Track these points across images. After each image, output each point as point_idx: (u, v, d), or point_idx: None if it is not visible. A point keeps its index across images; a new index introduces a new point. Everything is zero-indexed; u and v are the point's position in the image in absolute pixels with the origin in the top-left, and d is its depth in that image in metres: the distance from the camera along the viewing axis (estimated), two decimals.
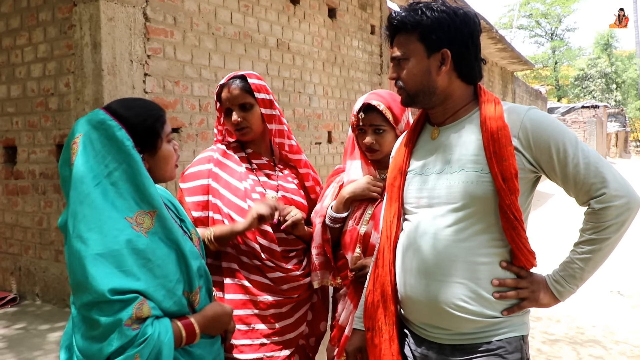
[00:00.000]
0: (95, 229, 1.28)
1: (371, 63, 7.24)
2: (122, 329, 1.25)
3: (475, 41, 1.53)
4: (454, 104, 1.56)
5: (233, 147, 2.05)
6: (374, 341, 1.60)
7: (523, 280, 1.48)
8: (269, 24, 5.28)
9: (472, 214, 1.45)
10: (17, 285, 4.43)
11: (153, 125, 1.44)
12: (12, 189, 4.41)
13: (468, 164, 1.47)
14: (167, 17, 4.13)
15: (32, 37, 4.14)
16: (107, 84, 3.65)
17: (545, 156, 1.44)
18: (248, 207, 1.88)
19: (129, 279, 1.29)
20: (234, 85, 1.97)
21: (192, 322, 1.43)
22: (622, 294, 5.36)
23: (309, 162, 2.20)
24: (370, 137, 1.95)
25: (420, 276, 1.51)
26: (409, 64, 1.52)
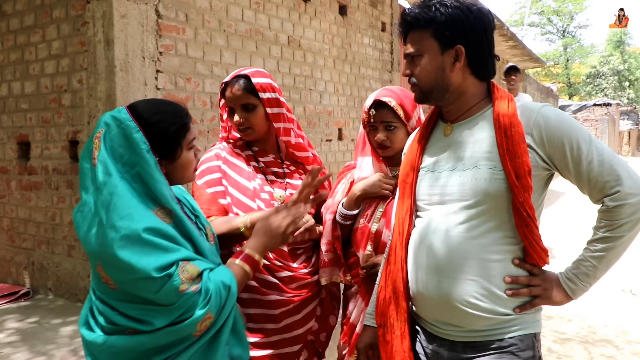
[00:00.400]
0: (127, 216, 1.30)
1: (382, 60, 7.22)
2: (181, 295, 1.28)
3: (489, 37, 1.53)
4: (467, 100, 1.55)
5: (239, 145, 2.04)
6: (386, 338, 1.60)
7: (536, 277, 1.47)
8: (280, 21, 5.28)
9: (485, 211, 1.45)
10: (30, 279, 4.47)
11: (174, 134, 1.44)
12: (25, 185, 4.45)
13: (481, 160, 1.47)
14: (179, 14, 4.15)
15: (45, 34, 4.17)
16: (119, 80, 3.67)
17: (558, 153, 1.43)
18: (257, 207, 1.88)
19: (169, 253, 1.30)
20: (237, 85, 1.95)
21: (249, 253, 1.47)
22: (635, 294, 5.32)
23: (319, 157, 2.19)
24: (382, 134, 1.95)
25: (433, 273, 1.51)
26: (422, 60, 1.52)
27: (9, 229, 4.64)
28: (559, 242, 4.50)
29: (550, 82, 36.27)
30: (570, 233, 7.10)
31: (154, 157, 1.39)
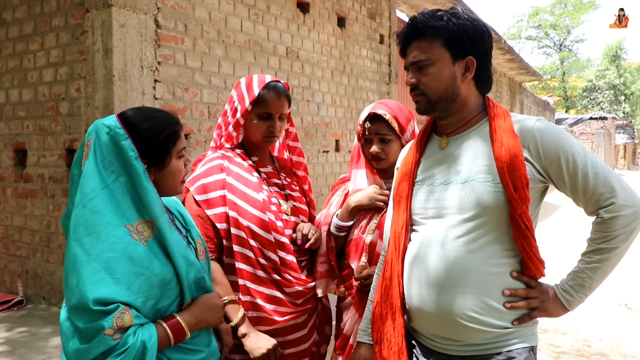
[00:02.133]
0: (94, 234, 1.30)
1: (380, 72, 7.26)
2: (103, 338, 1.26)
3: (491, 52, 1.57)
4: (468, 113, 1.57)
5: (240, 154, 1.97)
6: (382, 354, 1.58)
7: (533, 290, 1.48)
8: (279, 32, 5.31)
9: (484, 224, 1.45)
10: (23, 288, 4.45)
11: (164, 141, 1.43)
12: (21, 192, 4.44)
13: (479, 174, 1.47)
14: (178, 24, 4.17)
15: (44, 42, 4.19)
16: (117, 89, 3.68)
17: (554, 166, 1.45)
18: (268, 219, 1.84)
19: (118, 287, 1.28)
20: (284, 92, 1.93)
21: (179, 320, 1.41)
22: (630, 307, 5.32)
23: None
24: (377, 146, 1.96)
25: (431, 287, 1.50)
26: (433, 69, 1.51)
27: (4, 236, 4.62)
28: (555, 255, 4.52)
29: (547, 95, 36.47)
30: (567, 246, 7.10)
31: (142, 164, 1.38)
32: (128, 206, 1.36)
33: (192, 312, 1.47)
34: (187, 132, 4.26)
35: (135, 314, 1.30)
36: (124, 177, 1.37)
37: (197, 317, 1.47)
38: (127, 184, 1.37)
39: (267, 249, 1.84)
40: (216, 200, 1.81)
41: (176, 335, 1.40)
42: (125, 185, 1.37)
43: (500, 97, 14.00)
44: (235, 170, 1.88)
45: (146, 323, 1.33)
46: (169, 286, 1.41)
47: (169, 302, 1.42)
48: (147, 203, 1.38)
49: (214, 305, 1.53)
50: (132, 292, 1.31)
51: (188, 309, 1.47)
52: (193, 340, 1.47)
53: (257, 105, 1.90)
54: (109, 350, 1.26)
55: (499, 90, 13.92)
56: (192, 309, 1.47)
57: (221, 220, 1.81)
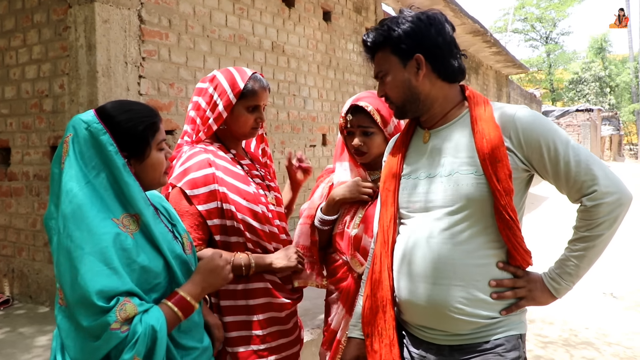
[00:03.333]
0: (84, 227, 1.29)
1: (366, 66, 7.26)
2: (111, 333, 1.26)
3: (446, 39, 1.54)
4: (442, 106, 1.58)
5: (219, 148, 1.94)
6: (374, 347, 1.59)
7: (520, 279, 1.49)
8: (264, 26, 5.29)
9: (468, 216, 1.47)
10: (9, 287, 4.41)
11: (143, 132, 1.43)
12: (5, 191, 4.39)
13: (462, 166, 1.48)
14: (162, 19, 4.14)
15: (26, 38, 4.14)
16: (101, 85, 3.65)
17: (536, 155, 1.45)
18: (261, 211, 1.85)
19: (117, 277, 1.29)
20: (267, 84, 1.96)
21: (182, 295, 1.42)
22: (615, 296, 5.39)
23: None
24: (358, 139, 1.94)
25: (419, 280, 1.52)
26: (389, 78, 1.57)
27: None
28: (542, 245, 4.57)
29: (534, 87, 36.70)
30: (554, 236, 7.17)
31: (122, 158, 1.38)
32: (112, 201, 1.36)
33: (194, 281, 1.47)
34: (173, 128, 4.24)
35: (138, 301, 1.31)
36: (105, 172, 1.37)
37: (200, 284, 1.47)
38: (109, 178, 1.37)
39: (263, 240, 1.86)
40: (207, 195, 1.79)
41: (184, 310, 1.40)
42: (107, 180, 1.37)
43: (487, 89, 14.06)
44: (222, 164, 1.85)
45: (150, 307, 1.34)
46: (158, 278, 1.41)
47: (160, 294, 1.42)
48: (130, 197, 1.38)
49: (214, 267, 1.51)
50: (130, 281, 1.31)
51: (188, 281, 1.47)
52: (186, 335, 1.47)
53: (246, 98, 1.88)
54: (120, 344, 1.27)
55: (485, 83, 13.98)
56: (193, 278, 1.48)
57: (213, 216, 1.79)
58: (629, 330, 4.41)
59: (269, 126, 5.27)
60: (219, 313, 1.83)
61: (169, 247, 1.46)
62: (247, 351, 1.81)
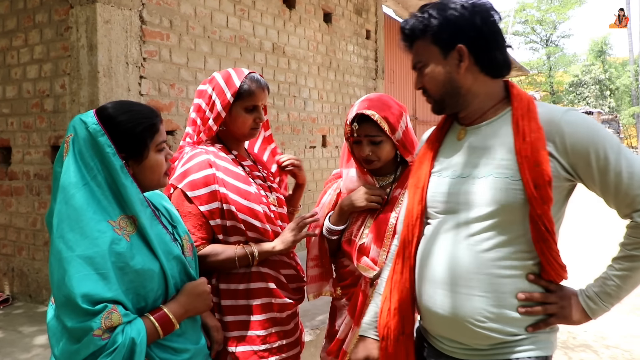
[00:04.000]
0: (77, 229, 1.29)
1: (366, 68, 7.28)
2: (92, 338, 1.25)
3: (492, 29, 1.41)
4: (482, 103, 1.45)
5: (221, 149, 1.94)
6: (389, 350, 1.52)
7: (552, 294, 1.36)
8: (265, 28, 5.30)
9: (498, 223, 1.34)
10: (9, 286, 4.42)
11: (141, 133, 1.42)
12: (6, 190, 4.40)
13: (497, 169, 1.36)
14: (163, 20, 4.15)
15: (28, 38, 4.15)
16: (102, 86, 3.66)
17: (582, 163, 1.30)
18: (263, 211, 1.85)
19: (104, 283, 1.28)
20: (265, 84, 1.94)
21: (166, 312, 1.41)
22: None
23: None
24: (367, 148, 1.87)
25: (438, 286, 1.41)
26: (428, 69, 1.45)
27: None
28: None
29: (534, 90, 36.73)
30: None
31: (120, 160, 1.37)
32: (109, 202, 1.36)
33: (179, 301, 1.46)
34: (173, 129, 4.25)
35: (123, 311, 1.30)
36: (104, 173, 1.37)
37: (184, 306, 1.46)
38: (107, 179, 1.37)
39: (265, 239, 1.86)
40: (208, 196, 1.79)
41: (164, 327, 1.39)
42: (105, 181, 1.36)
43: None
44: (222, 165, 1.86)
45: (134, 319, 1.33)
46: (154, 281, 1.40)
47: (156, 296, 1.42)
48: (127, 199, 1.38)
49: (201, 292, 1.52)
50: (119, 288, 1.31)
51: (175, 298, 1.47)
52: (179, 338, 1.47)
53: (243, 99, 1.89)
54: (98, 351, 1.26)
55: None
56: (179, 298, 1.47)
57: (214, 216, 1.80)
58: (628, 333, 4.42)
59: None
60: (219, 313, 1.83)
61: (166, 249, 1.45)
62: (247, 351, 1.80)
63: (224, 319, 1.82)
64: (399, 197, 1.90)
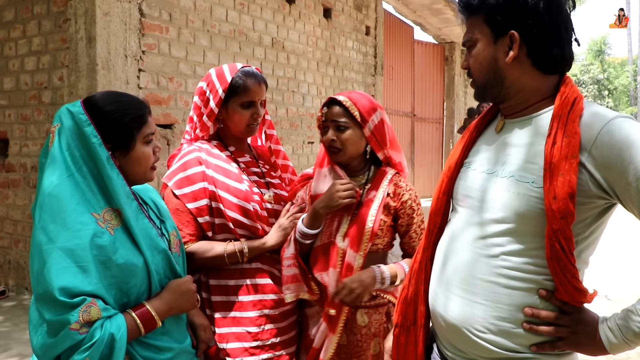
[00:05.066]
0: (59, 221, 1.27)
1: (365, 64, 7.27)
2: (69, 332, 1.22)
3: (556, 18, 1.23)
4: (526, 97, 1.29)
5: (216, 146, 1.92)
6: (400, 339, 1.47)
7: (565, 316, 1.21)
8: (264, 22, 5.29)
9: (512, 230, 1.22)
10: (5, 278, 4.41)
11: (128, 124, 1.39)
12: (3, 182, 4.39)
13: (521, 170, 1.22)
14: (163, 13, 4.14)
15: (26, 30, 4.13)
16: (101, 78, 3.65)
17: (621, 181, 1.12)
18: (253, 208, 1.82)
19: (84, 276, 1.25)
20: (262, 78, 1.91)
21: (148, 308, 1.37)
22: (610, 299, 5.40)
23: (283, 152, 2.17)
24: (331, 133, 1.81)
25: (442, 285, 1.34)
26: (475, 50, 1.31)
27: None
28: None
29: None
30: None
31: (106, 151, 1.34)
32: (94, 194, 1.33)
33: (163, 299, 1.42)
34: (172, 122, 4.24)
35: (103, 306, 1.27)
36: (89, 164, 1.34)
37: (168, 304, 1.42)
38: (92, 171, 1.34)
39: (255, 237, 1.84)
40: (196, 193, 1.78)
41: (146, 324, 1.35)
42: (91, 173, 1.33)
43: None
44: (214, 162, 1.84)
45: (114, 314, 1.30)
46: (137, 276, 1.37)
47: (140, 291, 1.39)
48: (112, 191, 1.34)
49: (186, 290, 1.48)
50: (99, 282, 1.27)
51: (158, 295, 1.43)
52: (162, 336, 1.43)
53: (238, 94, 1.86)
54: (75, 345, 1.23)
55: None
56: (163, 295, 1.43)
57: (202, 213, 1.78)
58: None
59: None
60: (210, 309, 1.81)
61: (152, 243, 1.42)
62: (237, 348, 1.78)
63: (214, 315, 1.80)
64: (374, 199, 1.81)
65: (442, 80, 11.20)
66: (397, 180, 1.87)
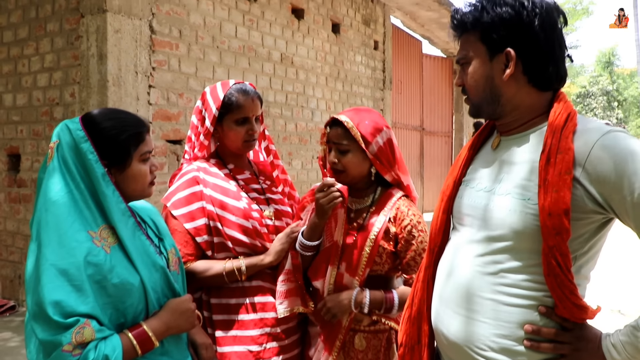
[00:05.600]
0: (55, 238, 1.26)
1: (374, 78, 7.29)
2: (61, 354, 1.20)
3: (550, 36, 1.24)
4: (522, 114, 1.30)
5: (215, 164, 1.92)
6: (405, 358, 1.48)
7: (566, 333, 1.20)
8: (273, 38, 5.32)
9: (510, 248, 1.22)
10: (16, 293, 4.43)
11: (125, 141, 1.39)
12: (14, 197, 4.43)
13: (518, 188, 1.23)
14: (173, 29, 4.18)
15: (39, 47, 4.19)
16: (112, 94, 3.69)
17: (616, 196, 1.12)
18: (252, 226, 1.82)
19: (78, 295, 1.24)
20: (254, 93, 1.89)
21: (145, 329, 1.34)
22: (623, 313, 5.34)
23: None
24: (333, 155, 1.77)
25: (444, 303, 1.34)
26: (470, 68, 1.31)
27: None
28: None
29: None
30: None
31: (102, 167, 1.34)
32: (91, 212, 1.33)
33: (161, 318, 1.39)
34: (181, 138, 4.26)
35: (97, 327, 1.25)
36: (87, 180, 1.33)
37: (166, 323, 1.39)
38: (90, 188, 1.33)
39: (255, 254, 1.83)
40: (194, 213, 1.78)
41: (143, 345, 1.32)
42: (88, 189, 1.33)
43: None
44: (212, 181, 1.84)
45: (110, 335, 1.28)
46: (134, 296, 1.35)
47: (137, 311, 1.36)
48: (107, 208, 1.34)
49: (185, 309, 1.44)
50: (94, 302, 1.26)
51: (156, 314, 1.40)
52: (162, 356, 1.41)
53: (231, 111, 1.86)
54: None
55: None
56: (161, 315, 1.40)
57: (201, 232, 1.78)
58: None
59: (276, 137, 5.29)
60: (211, 327, 1.80)
61: (149, 260, 1.40)
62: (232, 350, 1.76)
63: (215, 333, 1.78)
64: (375, 223, 1.75)
65: (451, 93, 11.19)
66: (402, 204, 1.79)
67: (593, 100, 39.93)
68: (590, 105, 39.95)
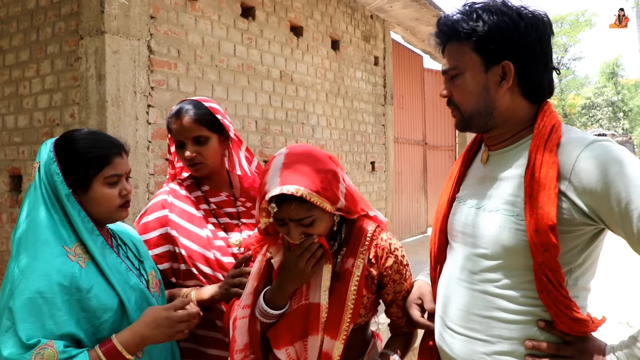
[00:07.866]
0: (31, 252, 1.30)
1: (375, 94, 7.31)
2: None
3: (545, 49, 1.23)
4: (510, 127, 1.27)
5: (187, 186, 1.86)
6: None
7: (568, 347, 1.18)
8: (272, 55, 5.36)
9: (503, 265, 1.21)
10: None
11: (86, 164, 1.40)
12: (16, 218, 4.43)
13: (505, 204, 1.21)
14: (171, 49, 4.22)
15: (40, 69, 4.23)
16: (110, 114, 3.71)
17: (604, 207, 1.10)
18: (213, 256, 1.74)
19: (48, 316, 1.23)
20: (186, 113, 1.81)
21: (115, 344, 1.29)
22: (631, 326, 5.27)
23: None
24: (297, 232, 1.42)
25: (442, 321, 1.33)
26: (463, 79, 1.27)
27: None
28: None
29: None
30: None
31: (66, 188, 1.37)
32: (66, 229, 1.36)
33: (133, 330, 1.34)
34: None
35: (61, 348, 1.23)
36: (58, 201, 1.38)
37: (140, 334, 1.33)
38: (62, 207, 1.38)
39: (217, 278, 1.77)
40: (157, 239, 1.75)
41: None
42: (61, 209, 1.37)
43: None
44: (179, 206, 1.79)
45: (77, 354, 1.25)
46: (109, 312, 1.34)
47: (113, 327, 1.35)
48: (75, 226, 1.37)
49: (162, 318, 1.36)
50: (66, 319, 1.26)
51: (130, 326, 1.36)
52: None
53: (173, 136, 1.85)
54: None
55: None
56: (134, 326, 1.35)
57: (162, 260, 1.74)
58: None
59: None
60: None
61: (121, 278, 1.41)
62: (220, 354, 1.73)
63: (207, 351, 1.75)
64: (352, 269, 1.46)
65: None
66: (378, 239, 1.51)
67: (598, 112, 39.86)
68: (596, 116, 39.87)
